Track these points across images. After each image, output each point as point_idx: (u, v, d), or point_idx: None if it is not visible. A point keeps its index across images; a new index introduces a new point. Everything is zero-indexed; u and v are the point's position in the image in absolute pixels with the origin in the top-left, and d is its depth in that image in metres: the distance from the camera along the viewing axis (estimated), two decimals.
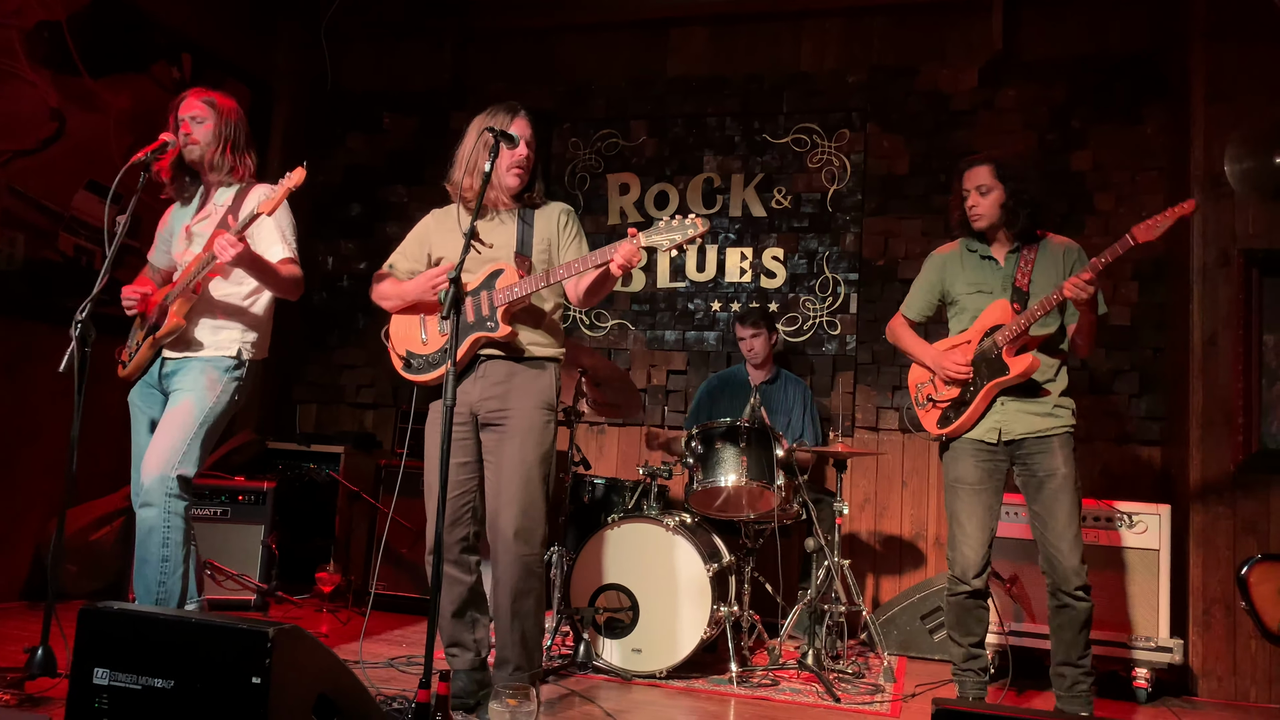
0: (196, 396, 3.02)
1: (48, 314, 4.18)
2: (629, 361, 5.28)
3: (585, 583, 3.66)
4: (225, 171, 3.18)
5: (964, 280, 3.30)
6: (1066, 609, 3.07)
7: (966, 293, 3.29)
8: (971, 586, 3.16)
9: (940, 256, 3.42)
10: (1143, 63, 4.72)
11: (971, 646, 3.22)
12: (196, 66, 5.03)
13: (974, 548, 3.16)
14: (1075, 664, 3.08)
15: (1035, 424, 3.13)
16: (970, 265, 3.31)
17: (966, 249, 3.33)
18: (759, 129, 5.25)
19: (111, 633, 2.09)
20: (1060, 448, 3.11)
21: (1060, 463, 3.09)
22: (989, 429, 3.18)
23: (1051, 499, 3.08)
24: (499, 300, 2.85)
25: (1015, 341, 3.11)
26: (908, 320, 3.49)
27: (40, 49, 4.21)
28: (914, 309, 3.47)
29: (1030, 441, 3.14)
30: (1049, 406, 3.14)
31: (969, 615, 3.21)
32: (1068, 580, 3.04)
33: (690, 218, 2.72)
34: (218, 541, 4.32)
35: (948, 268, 3.37)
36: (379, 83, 5.87)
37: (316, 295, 5.72)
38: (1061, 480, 3.08)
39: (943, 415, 3.27)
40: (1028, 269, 3.19)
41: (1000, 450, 3.18)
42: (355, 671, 2.41)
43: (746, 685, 3.51)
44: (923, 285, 3.45)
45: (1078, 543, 3.05)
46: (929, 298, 3.43)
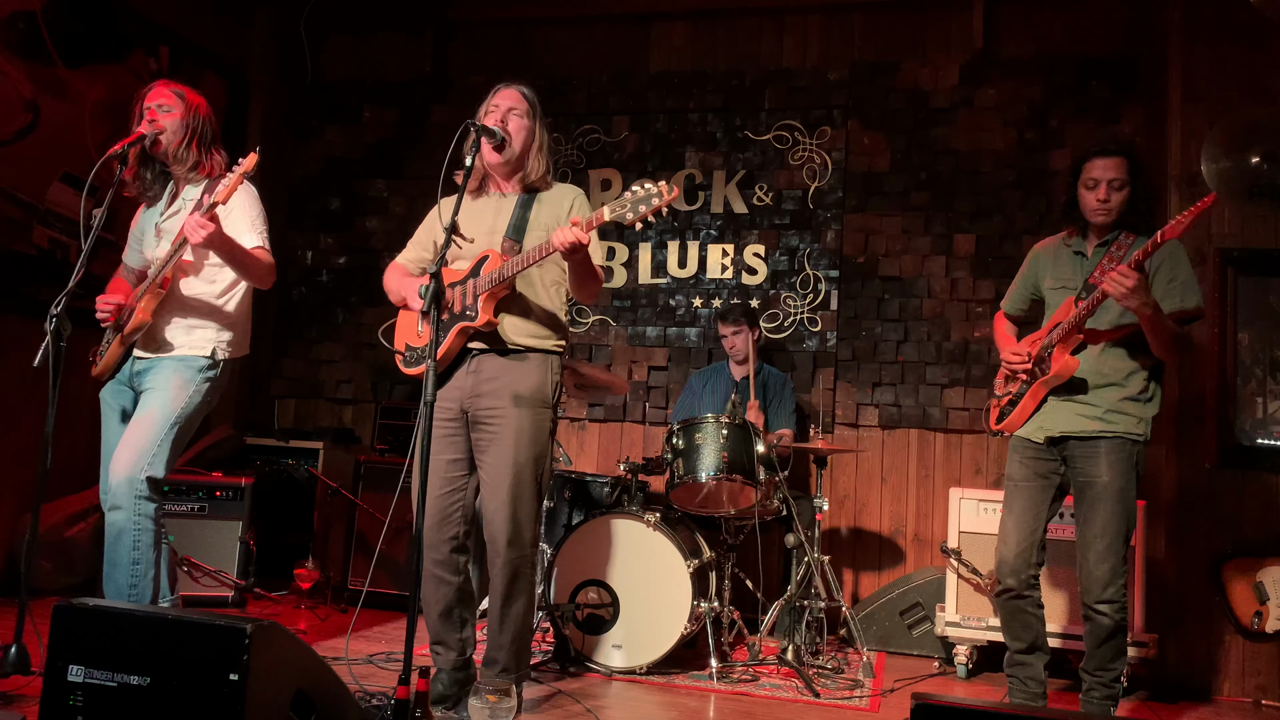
0: (167, 397, 2.96)
1: (21, 307, 4.12)
2: (610, 358, 5.27)
3: (566, 579, 3.65)
4: (190, 166, 3.11)
5: (1051, 275, 3.16)
6: (1089, 620, 2.96)
7: (1052, 288, 3.15)
8: (1006, 585, 3.04)
9: (1037, 249, 3.29)
10: (1120, 62, 4.76)
11: (1018, 652, 3.07)
12: (174, 57, 4.98)
13: (1010, 545, 3.04)
14: (1094, 674, 2.98)
15: (1080, 424, 2.97)
16: (1062, 259, 3.15)
17: (1064, 242, 3.16)
18: (740, 125, 5.25)
19: (86, 629, 2.07)
20: (1108, 453, 2.93)
21: (1103, 470, 2.92)
22: (1036, 428, 3.06)
23: (1089, 506, 2.95)
24: (481, 287, 2.78)
25: (1068, 339, 2.97)
26: (1005, 315, 3.38)
27: (14, 39, 4.15)
28: (1010, 302, 3.36)
29: (1075, 443, 2.99)
30: (1101, 410, 2.95)
31: (1012, 618, 3.07)
32: (1089, 591, 2.93)
33: (656, 185, 2.58)
34: (195, 538, 4.28)
35: (1040, 261, 3.23)
36: (358, 75, 5.82)
37: (295, 290, 5.68)
38: (1101, 488, 2.92)
39: (1000, 411, 3.19)
40: (1110, 265, 2.91)
41: (1048, 450, 3.05)
42: (335, 668, 2.40)
43: (726, 681, 3.52)
44: (1019, 278, 3.34)
45: (1107, 555, 2.90)
46: (1022, 290, 3.31)
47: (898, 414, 4.88)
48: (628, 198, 2.61)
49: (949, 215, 4.91)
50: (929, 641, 4.23)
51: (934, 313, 4.88)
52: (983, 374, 4.74)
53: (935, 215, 4.92)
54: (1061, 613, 3.89)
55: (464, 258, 2.89)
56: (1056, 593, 3.89)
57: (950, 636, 4.00)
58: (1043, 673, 3.07)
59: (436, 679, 2.90)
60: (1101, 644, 2.94)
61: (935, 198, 4.93)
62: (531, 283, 2.89)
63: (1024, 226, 4.75)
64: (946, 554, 4.05)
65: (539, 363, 2.88)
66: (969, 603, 3.99)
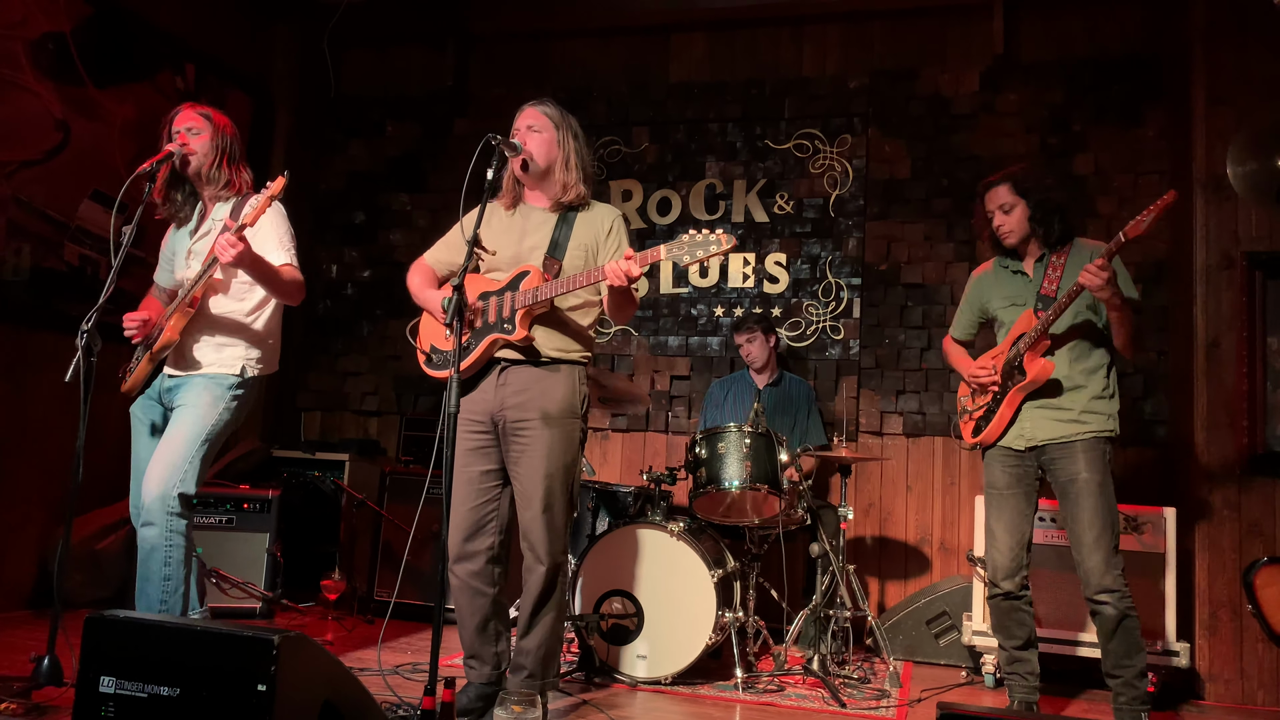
0: (197, 414, 3.00)
1: (53, 323, 4.19)
2: (633, 367, 5.28)
3: (590, 589, 3.66)
4: (221, 185, 3.15)
5: (999, 296, 3.35)
6: (1094, 614, 3.06)
7: (1002, 307, 3.33)
8: (1002, 588, 3.18)
9: (977, 276, 3.49)
10: (1143, 65, 4.73)
11: (1015, 649, 3.20)
12: (200, 75, 5.05)
13: (1002, 551, 3.18)
14: (1112, 674, 3.04)
15: (1058, 430, 3.13)
16: (1003, 280, 3.35)
17: (999, 265, 3.38)
18: (760, 134, 5.26)
19: (117, 641, 2.10)
20: (1083, 452, 3.09)
21: (1082, 467, 3.08)
22: (1015, 436, 3.20)
23: (1073, 503, 3.09)
24: (520, 302, 2.82)
25: (1037, 346, 3.13)
26: (955, 339, 3.56)
27: (45, 59, 4.23)
28: (959, 328, 3.55)
29: (1053, 447, 3.14)
30: (1075, 413, 3.12)
31: (1007, 617, 3.20)
32: (1088, 582, 3.04)
33: (716, 233, 2.64)
34: (223, 550, 4.32)
35: (983, 286, 3.43)
36: (380, 89, 5.88)
37: (320, 303, 5.73)
38: (1083, 484, 3.07)
39: (975, 425, 3.32)
40: (1056, 275, 3.20)
41: (1028, 456, 3.20)
42: (361, 679, 2.41)
43: (752, 691, 3.51)
44: (964, 305, 3.52)
45: (1099, 545, 3.02)
46: (970, 316, 3.50)
47: (922, 422, 4.85)
48: (685, 240, 2.67)
49: (971, 221, 4.87)
50: (956, 651, 4.20)
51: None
52: None
53: (957, 221, 4.90)
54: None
55: (497, 269, 2.92)
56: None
57: (978, 646, 3.97)
58: (1037, 667, 3.21)
59: (464, 691, 2.91)
60: (1112, 636, 3.02)
61: (957, 204, 4.90)
62: (565, 299, 2.92)
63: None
64: (973, 562, 4.01)
65: (567, 374, 2.90)
66: None
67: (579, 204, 2.99)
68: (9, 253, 4.11)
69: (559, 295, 2.83)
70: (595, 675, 3.59)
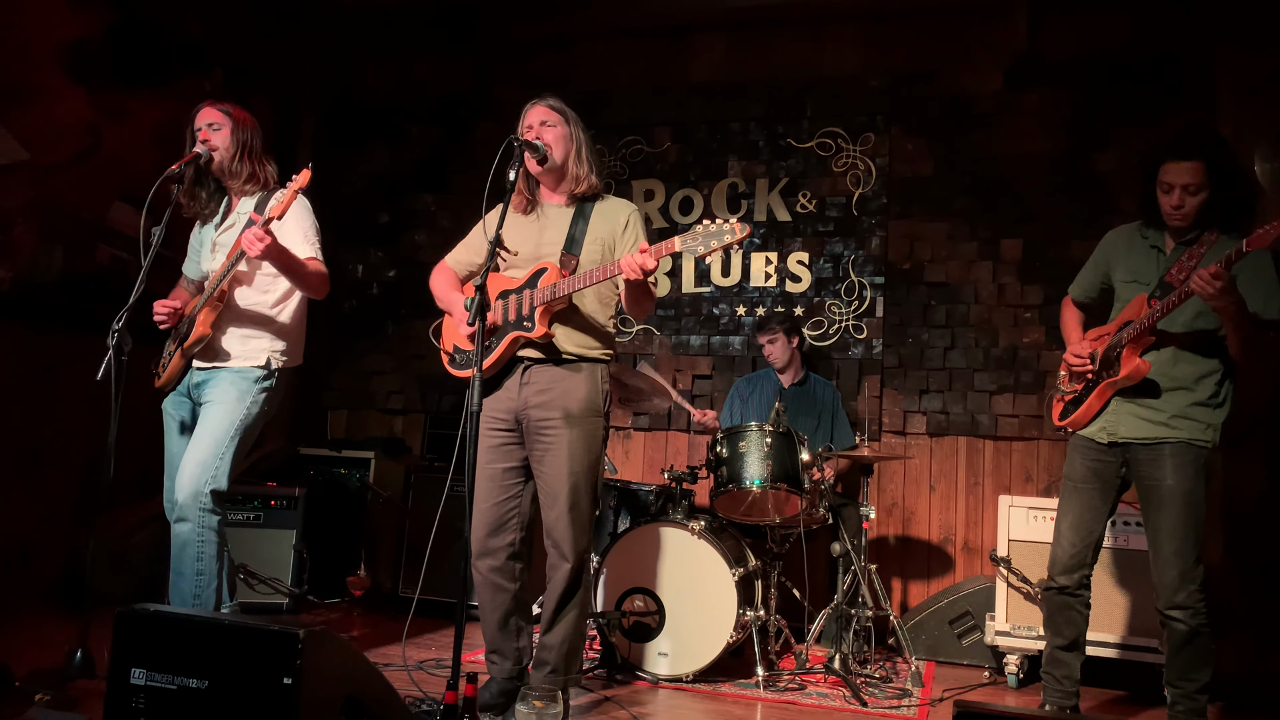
0: (227, 409, 3.05)
1: (85, 323, 4.25)
2: (654, 367, 5.29)
3: (612, 587, 3.68)
4: (244, 178, 3.21)
5: (1125, 267, 3.08)
6: (1164, 627, 2.92)
7: (1124, 280, 3.08)
8: (1058, 583, 3.07)
9: (1112, 235, 3.20)
10: (1167, 63, 4.68)
11: (1058, 649, 3.09)
12: (227, 79, 5.12)
13: (1064, 545, 3.06)
14: (1174, 684, 2.93)
15: (1144, 429, 2.94)
16: (1137, 251, 3.06)
17: (1139, 234, 3.08)
18: (782, 134, 5.25)
19: (148, 635, 2.14)
20: (1172, 456, 2.88)
21: (1168, 473, 2.88)
22: (1099, 428, 3.03)
23: (1155, 510, 2.91)
24: (538, 300, 2.83)
25: (1139, 340, 2.91)
26: (1072, 300, 3.31)
27: (76, 64, 4.30)
28: (1078, 288, 3.28)
29: (1138, 447, 2.96)
30: (1166, 415, 2.90)
31: (1058, 614, 3.09)
32: (1161, 596, 2.89)
33: (730, 223, 2.63)
34: (250, 546, 4.37)
35: (1114, 249, 3.15)
36: (403, 92, 5.93)
37: (346, 303, 5.79)
38: (1167, 491, 2.88)
39: (1065, 408, 3.16)
40: (1190, 264, 2.85)
41: (1109, 452, 3.02)
42: (385, 674, 2.44)
43: (773, 689, 3.52)
44: (1089, 264, 3.25)
45: (1177, 559, 2.84)
46: (1092, 277, 3.22)
47: (945, 421, 4.84)
48: (699, 231, 2.65)
49: (994, 220, 4.86)
50: (979, 651, 4.18)
51: (981, 319, 4.84)
52: (1031, 380, 4.69)
53: (980, 220, 4.88)
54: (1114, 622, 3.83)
55: (516, 267, 2.95)
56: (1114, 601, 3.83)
57: (1000, 646, 3.95)
58: (1078, 672, 3.08)
59: (486, 687, 2.94)
60: (1178, 651, 2.89)
61: (980, 202, 4.88)
62: (584, 295, 2.94)
63: (1070, 230, 4.68)
64: (996, 562, 4.00)
65: (590, 372, 2.93)
66: (1019, 612, 3.94)
67: (592, 195, 3.01)
68: (41, 254, 4.19)
69: (576, 291, 2.84)
70: (617, 672, 3.61)
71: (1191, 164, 2.85)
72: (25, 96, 4.08)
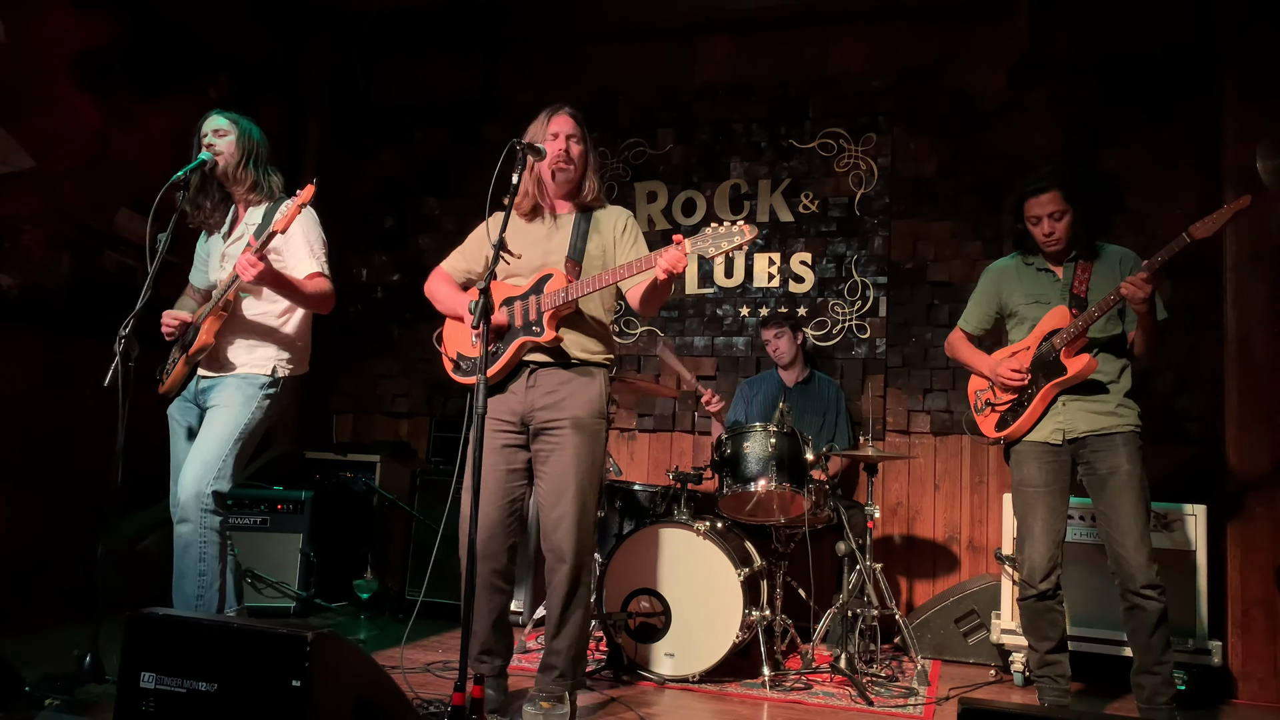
0: (231, 413, 3.07)
1: (93, 329, 4.28)
2: (658, 368, 5.31)
3: (618, 587, 3.69)
4: (249, 186, 3.22)
5: (1021, 292, 3.31)
6: (1136, 610, 3.00)
7: (1024, 304, 3.30)
8: (1038, 589, 3.12)
9: (996, 269, 3.44)
10: (1173, 59, 4.68)
11: (1047, 652, 3.15)
12: (234, 84, 5.15)
13: (1040, 551, 3.13)
14: (1151, 671, 2.99)
15: (1099, 422, 3.12)
16: (1027, 278, 3.32)
17: (1023, 261, 3.35)
18: (785, 134, 5.26)
19: (157, 638, 2.15)
20: (1124, 445, 3.08)
21: (1124, 459, 3.06)
22: (1052, 430, 3.16)
23: (1115, 495, 3.05)
24: (546, 305, 2.87)
25: (1073, 344, 3.11)
26: (965, 333, 3.50)
27: (83, 72, 4.33)
28: (971, 322, 3.49)
29: (1093, 440, 3.12)
30: (1112, 405, 3.13)
31: (1040, 619, 3.15)
32: (1134, 578, 2.98)
33: (738, 224, 2.68)
34: (257, 550, 4.40)
35: (1004, 281, 3.38)
36: (410, 95, 5.95)
37: (352, 307, 5.81)
38: (1125, 476, 3.04)
39: (1000, 419, 3.27)
40: (1085, 276, 3.19)
41: (1064, 450, 3.16)
42: (393, 676, 2.46)
43: (779, 689, 3.53)
44: (979, 298, 3.47)
45: (1144, 540, 2.99)
46: (986, 310, 3.44)
47: (949, 420, 4.84)
48: (709, 233, 2.69)
49: (999, 219, 4.85)
50: (985, 649, 4.19)
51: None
52: None
53: (985, 219, 4.88)
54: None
55: (519, 274, 2.97)
56: None
57: (1007, 644, 3.96)
58: (1069, 668, 3.16)
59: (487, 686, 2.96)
60: (1153, 632, 2.98)
61: (985, 201, 4.88)
62: (589, 301, 2.98)
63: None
64: (1001, 561, 4.01)
65: (595, 376, 2.98)
66: None
67: (595, 205, 3.07)
68: (50, 261, 4.22)
69: (586, 295, 2.88)
70: (623, 673, 3.62)
71: (1049, 194, 3.18)
72: (33, 104, 4.11)
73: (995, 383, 3.29)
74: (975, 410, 3.40)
